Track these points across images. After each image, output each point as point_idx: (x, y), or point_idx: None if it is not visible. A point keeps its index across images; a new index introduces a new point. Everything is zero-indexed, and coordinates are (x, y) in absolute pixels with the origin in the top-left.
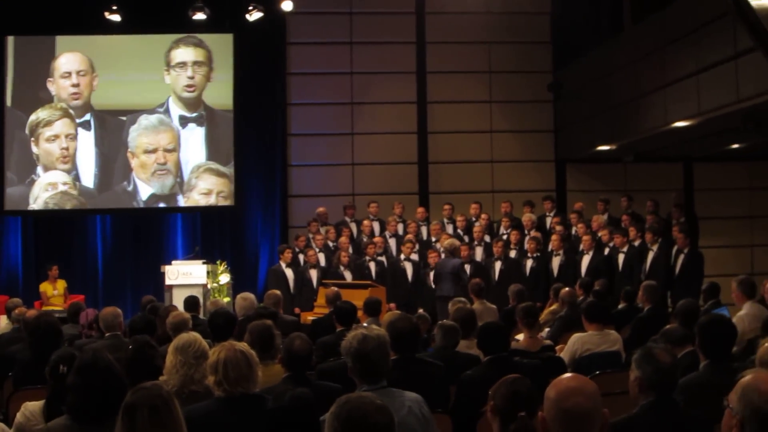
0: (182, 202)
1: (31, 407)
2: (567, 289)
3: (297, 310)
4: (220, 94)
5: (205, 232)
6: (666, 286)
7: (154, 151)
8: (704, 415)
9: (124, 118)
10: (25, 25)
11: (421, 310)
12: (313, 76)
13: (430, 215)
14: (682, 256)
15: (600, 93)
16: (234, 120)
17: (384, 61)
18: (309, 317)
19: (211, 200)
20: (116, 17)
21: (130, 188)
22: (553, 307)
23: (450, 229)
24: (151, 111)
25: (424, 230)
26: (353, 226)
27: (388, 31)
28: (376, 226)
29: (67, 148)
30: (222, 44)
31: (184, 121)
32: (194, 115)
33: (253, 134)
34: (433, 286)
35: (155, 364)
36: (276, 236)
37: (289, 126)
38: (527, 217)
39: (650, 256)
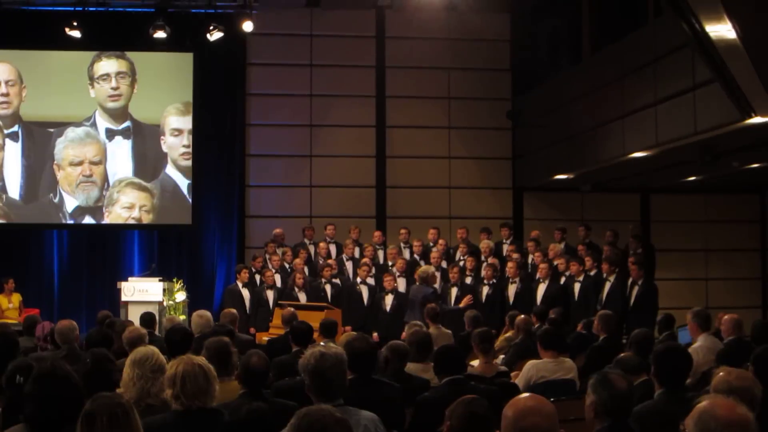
0: (105, 216)
1: None
2: (522, 316)
3: (252, 330)
4: (148, 107)
5: (161, 249)
6: (621, 316)
7: (80, 163)
8: None
9: (51, 130)
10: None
11: (375, 334)
12: (272, 98)
13: (387, 239)
14: (636, 288)
15: (558, 121)
16: (193, 139)
17: (344, 84)
18: (264, 337)
19: (134, 214)
20: (76, 33)
21: (56, 200)
22: (509, 334)
23: (407, 253)
24: (78, 124)
25: (380, 254)
26: (311, 248)
27: (348, 54)
28: (333, 248)
29: None
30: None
31: (110, 134)
32: (121, 127)
33: (212, 153)
34: (387, 310)
35: (113, 378)
36: (233, 256)
37: (248, 146)
38: (485, 244)
39: (607, 286)
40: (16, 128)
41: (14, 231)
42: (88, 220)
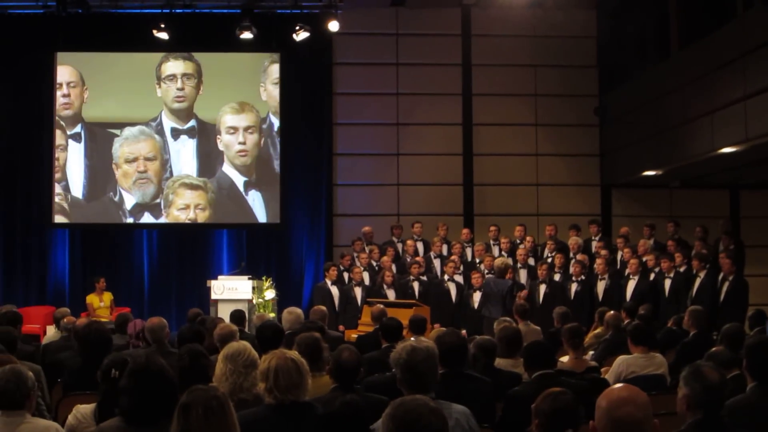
0: (165, 216)
1: (83, 410)
2: (612, 312)
3: (341, 328)
4: (211, 106)
5: (250, 248)
6: (712, 312)
7: (135, 160)
8: None
9: (114, 131)
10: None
11: (464, 331)
12: (359, 96)
13: (475, 237)
14: (727, 283)
15: (646, 118)
16: (280, 139)
17: (430, 83)
18: (353, 335)
19: (190, 215)
20: (164, 35)
21: (116, 198)
22: (598, 330)
23: (495, 251)
24: (145, 124)
25: (468, 251)
26: (399, 246)
27: (434, 52)
28: (420, 246)
29: (57, 159)
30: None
31: (176, 133)
32: (186, 127)
33: (300, 153)
34: (475, 307)
35: (207, 374)
36: (321, 254)
37: (335, 145)
38: (573, 241)
39: (697, 282)
40: (78, 129)
41: (105, 231)
42: (147, 216)
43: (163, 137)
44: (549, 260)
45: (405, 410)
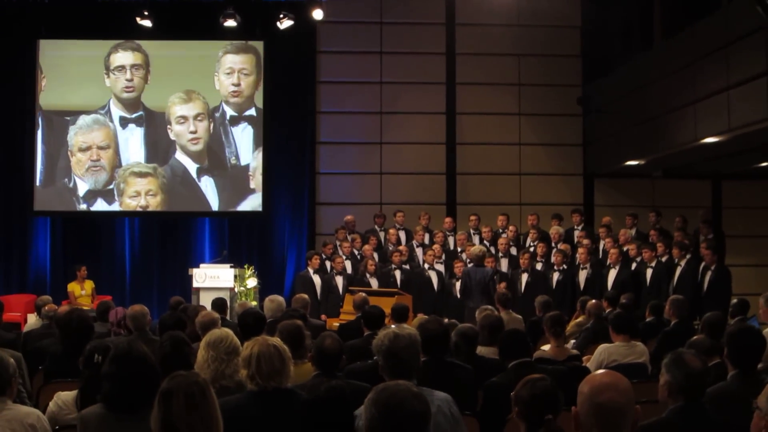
0: (120, 205)
1: (64, 397)
2: (594, 301)
3: (323, 317)
4: (159, 96)
5: (232, 236)
6: (693, 302)
7: (88, 149)
8: (732, 422)
9: (68, 119)
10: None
11: (446, 320)
12: (342, 85)
13: (457, 226)
14: (709, 273)
15: (629, 107)
16: (264, 126)
17: (414, 72)
18: (335, 323)
19: (141, 202)
20: (147, 23)
21: (70, 185)
22: (580, 319)
23: (476, 240)
24: (95, 111)
25: (451, 240)
26: (382, 235)
27: (418, 41)
28: (402, 235)
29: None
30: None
31: (124, 122)
32: (134, 116)
33: (283, 141)
34: (459, 296)
35: (189, 360)
36: (303, 243)
37: (318, 134)
38: (555, 230)
39: (678, 271)
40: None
41: (86, 219)
42: (100, 203)
43: (112, 125)
44: (531, 249)
45: (388, 395)
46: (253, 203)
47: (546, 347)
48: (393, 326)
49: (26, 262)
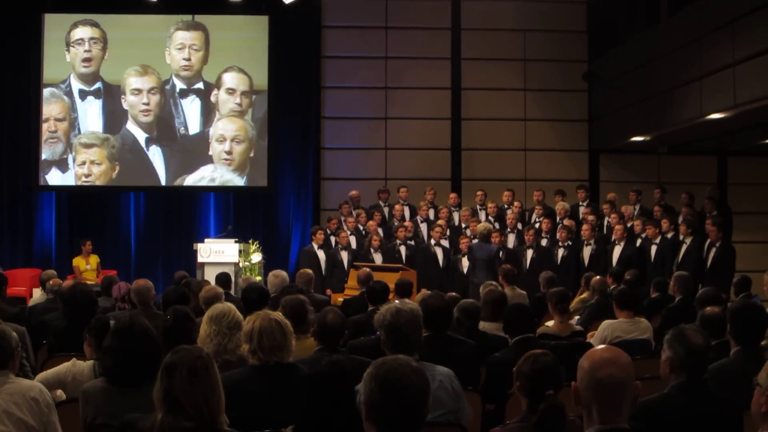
0: (71, 174)
1: (81, 365)
2: (598, 277)
3: (328, 292)
4: (116, 69)
5: (237, 211)
6: (697, 278)
7: (46, 120)
8: (734, 398)
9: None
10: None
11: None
12: (347, 60)
13: (462, 202)
14: (714, 250)
15: (635, 83)
16: (268, 101)
17: (419, 47)
18: (339, 298)
19: (84, 170)
20: None
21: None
22: (584, 295)
23: (482, 216)
24: (56, 86)
25: (456, 216)
26: (386, 210)
27: (423, 16)
28: (407, 210)
29: None
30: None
31: (83, 95)
32: (92, 88)
33: (288, 116)
34: (464, 272)
35: (192, 336)
36: (308, 218)
37: (323, 109)
38: (560, 206)
39: (683, 248)
40: None
41: (91, 194)
42: (55, 172)
43: (71, 98)
44: (536, 225)
45: (387, 369)
46: (206, 172)
47: (550, 323)
48: (396, 301)
49: (31, 236)
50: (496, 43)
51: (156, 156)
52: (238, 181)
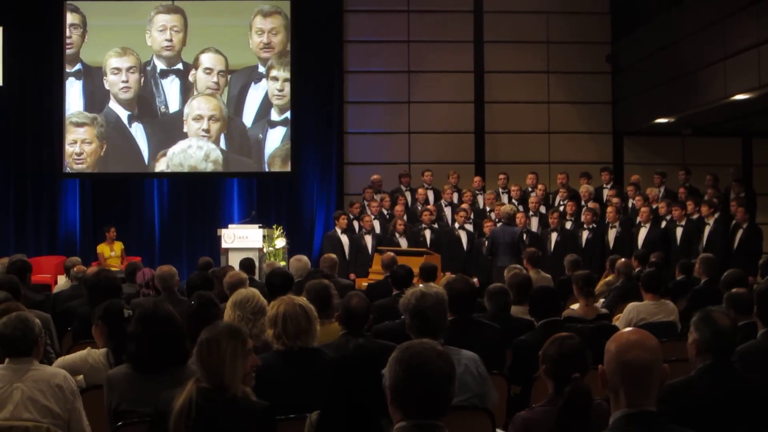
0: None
1: (95, 354)
2: (623, 260)
3: (352, 276)
4: (96, 52)
5: (261, 197)
6: (723, 260)
7: None
8: (762, 380)
9: None
10: None
11: (476, 280)
12: (370, 44)
13: (486, 185)
14: (740, 231)
15: (659, 65)
16: (291, 86)
17: (441, 30)
18: (363, 283)
19: (76, 149)
20: None
21: None
22: (609, 278)
23: (505, 199)
24: None
25: (480, 199)
26: (408, 195)
27: None
28: (431, 194)
29: None
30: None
31: (65, 76)
32: (73, 70)
33: (311, 101)
34: (486, 255)
35: (216, 322)
36: (332, 203)
37: (346, 93)
38: (585, 189)
39: (707, 230)
40: None
41: (115, 181)
42: None
43: None
44: (560, 208)
45: (412, 353)
46: (184, 146)
47: (575, 306)
48: (421, 285)
49: (56, 223)
50: (518, 25)
51: (139, 133)
52: (216, 158)
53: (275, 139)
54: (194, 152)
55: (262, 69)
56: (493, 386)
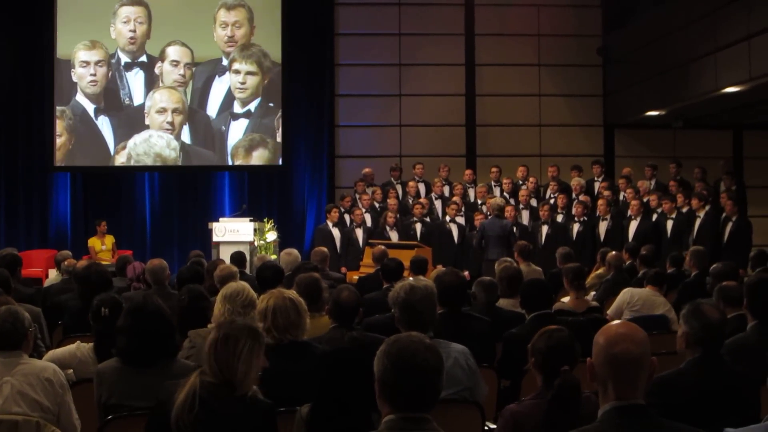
0: None
1: (84, 348)
2: (614, 252)
3: (343, 269)
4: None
5: (252, 190)
6: (713, 253)
7: None
8: (751, 373)
9: None
10: None
11: (466, 273)
12: (361, 37)
13: (477, 178)
14: (730, 224)
15: (650, 58)
16: (282, 79)
17: (432, 23)
18: (355, 276)
19: (62, 140)
20: None
21: None
22: (600, 271)
23: (497, 192)
24: None
25: (471, 192)
26: (399, 188)
27: None
28: (422, 187)
29: None
30: None
31: None
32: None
33: (302, 94)
34: (476, 248)
35: (207, 315)
36: (323, 196)
37: (337, 86)
38: (576, 182)
39: (697, 222)
40: None
41: (106, 174)
42: None
43: None
44: (551, 201)
45: (400, 347)
46: (145, 137)
47: (566, 299)
48: (410, 278)
49: (47, 217)
50: (509, 18)
51: (105, 126)
52: (177, 148)
53: (238, 131)
54: (156, 141)
55: (226, 62)
56: (483, 379)
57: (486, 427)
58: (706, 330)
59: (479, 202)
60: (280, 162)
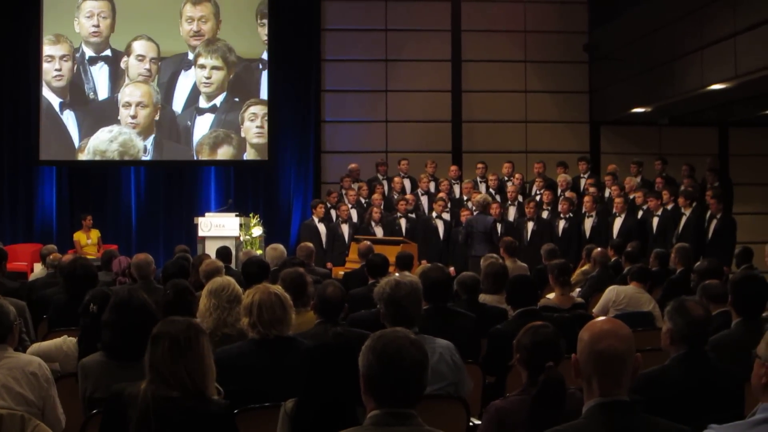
0: None
1: (70, 342)
2: (599, 249)
3: (329, 265)
4: None
5: (238, 185)
6: (698, 250)
7: None
8: (735, 370)
9: None
10: None
11: (452, 269)
12: (347, 33)
13: (463, 174)
14: (714, 221)
15: (636, 54)
16: (268, 74)
17: (419, 19)
18: (340, 272)
19: None
20: None
21: None
22: (585, 267)
23: (482, 188)
24: None
25: (456, 189)
26: (385, 183)
27: None
28: (407, 183)
29: None
30: None
31: None
32: None
33: (287, 89)
34: (461, 244)
35: (192, 310)
36: (309, 191)
37: (323, 82)
38: (562, 178)
39: (683, 220)
40: None
41: (92, 169)
42: None
43: None
44: (537, 197)
45: (385, 342)
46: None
47: (551, 295)
48: (396, 274)
49: (32, 211)
50: (496, 14)
51: (70, 120)
52: (140, 143)
53: (203, 126)
54: (118, 135)
55: (191, 56)
56: (468, 375)
57: (471, 423)
58: (690, 327)
59: (465, 198)
60: (266, 157)
